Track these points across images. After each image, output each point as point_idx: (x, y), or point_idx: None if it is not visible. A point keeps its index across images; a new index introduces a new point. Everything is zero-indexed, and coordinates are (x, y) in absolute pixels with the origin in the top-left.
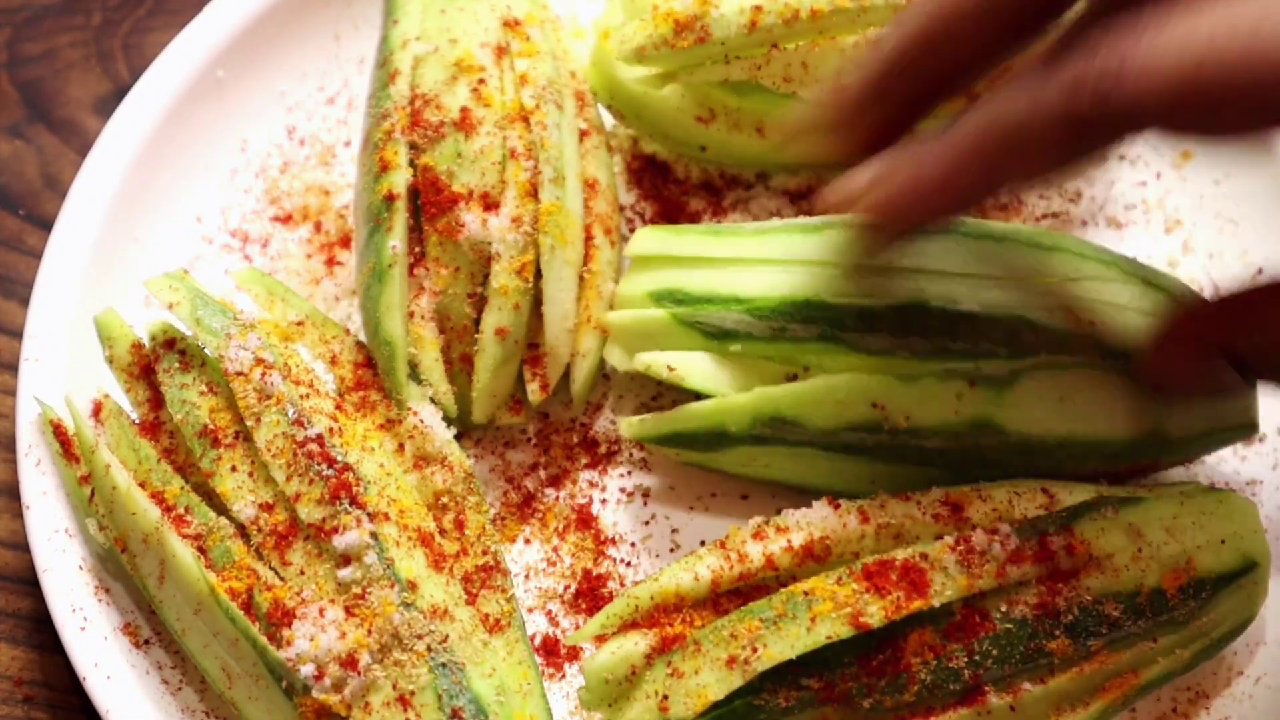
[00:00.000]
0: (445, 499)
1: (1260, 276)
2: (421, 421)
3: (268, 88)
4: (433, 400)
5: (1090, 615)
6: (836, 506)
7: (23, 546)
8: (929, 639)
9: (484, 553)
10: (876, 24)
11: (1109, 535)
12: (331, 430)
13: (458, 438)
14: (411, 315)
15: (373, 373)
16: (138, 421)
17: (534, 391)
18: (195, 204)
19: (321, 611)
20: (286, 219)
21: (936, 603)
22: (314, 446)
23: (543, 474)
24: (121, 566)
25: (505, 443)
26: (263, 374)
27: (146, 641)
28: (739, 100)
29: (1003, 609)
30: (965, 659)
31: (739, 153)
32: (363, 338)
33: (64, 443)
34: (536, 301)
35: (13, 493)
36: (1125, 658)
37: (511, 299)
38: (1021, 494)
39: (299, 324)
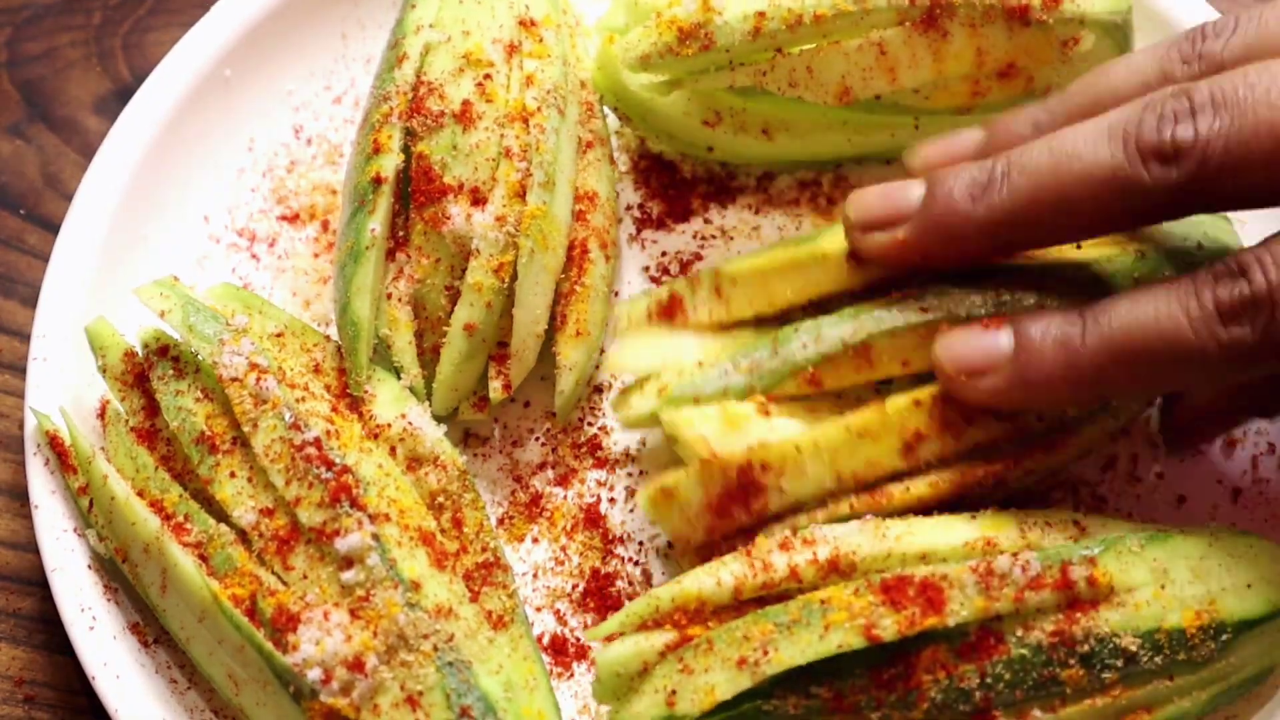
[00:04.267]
0: (441, 498)
1: None
2: (410, 423)
3: (275, 87)
4: (398, 375)
5: (1107, 647)
6: (865, 521)
7: (23, 546)
8: (942, 657)
9: (484, 549)
10: (879, 26)
11: (1133, 570)
12: (329, 433)
13: (464, 438)
14: (389, 297)
15: None
16: (134, 429)
17: (495, 390)
18: (202, 203)
19: (326, 615)
20: (294, 218)
21: (951, 622)
22: (312, 450)
23: (551, 473)
24: (124, 575)
25: (513, 442)
26: (258, 379)
27: (155, 641)
28: (744, 103)
29: (1019, 634)
30: (977, 680)
31: (745, 154)
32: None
33: (61, 454)
34: (512, 302)
35: (13, 493)
36: (1139, 694)
37: (485, 296)
38: (1054, 524)
39: (278, 335)
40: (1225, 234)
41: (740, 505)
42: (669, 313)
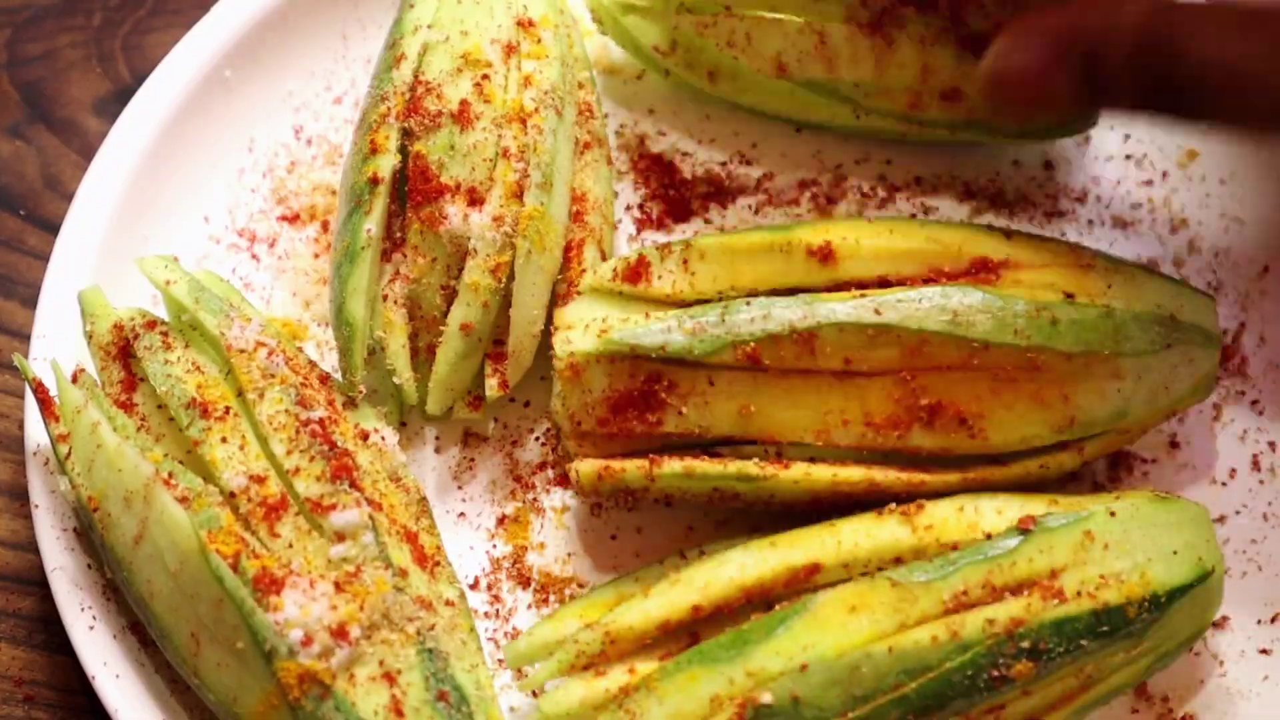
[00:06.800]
0: (415, 509)
1: (1267, 277)
2: (383, 440)
3: (275, 88)
4: (394, 381)
5: (1046, 638)
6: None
7: (23, 546)
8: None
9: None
10: (826, 17)
11: (1057, 552)
12: (331, 419)
13: (464, 438)
14: (385, 299)
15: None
16: (111, 400)
17: (492, 388)
18: (202, 203)
19: (312, 583)
20: (294, 218)
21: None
22: (316, 428)
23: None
24: (87, 528)
25: (513, 442)
26: (269, 354)
27: (155, 640)
28: (699, 41)
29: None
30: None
31: (692, 88)
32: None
33: (44, 400)
34: (509, 301)
35: (12, 493)
36: (1077, 676)
37: (481, 296)
38: (963, 509)
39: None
40: (1205, 313)
41: (637, 413)
42: (634, 276)
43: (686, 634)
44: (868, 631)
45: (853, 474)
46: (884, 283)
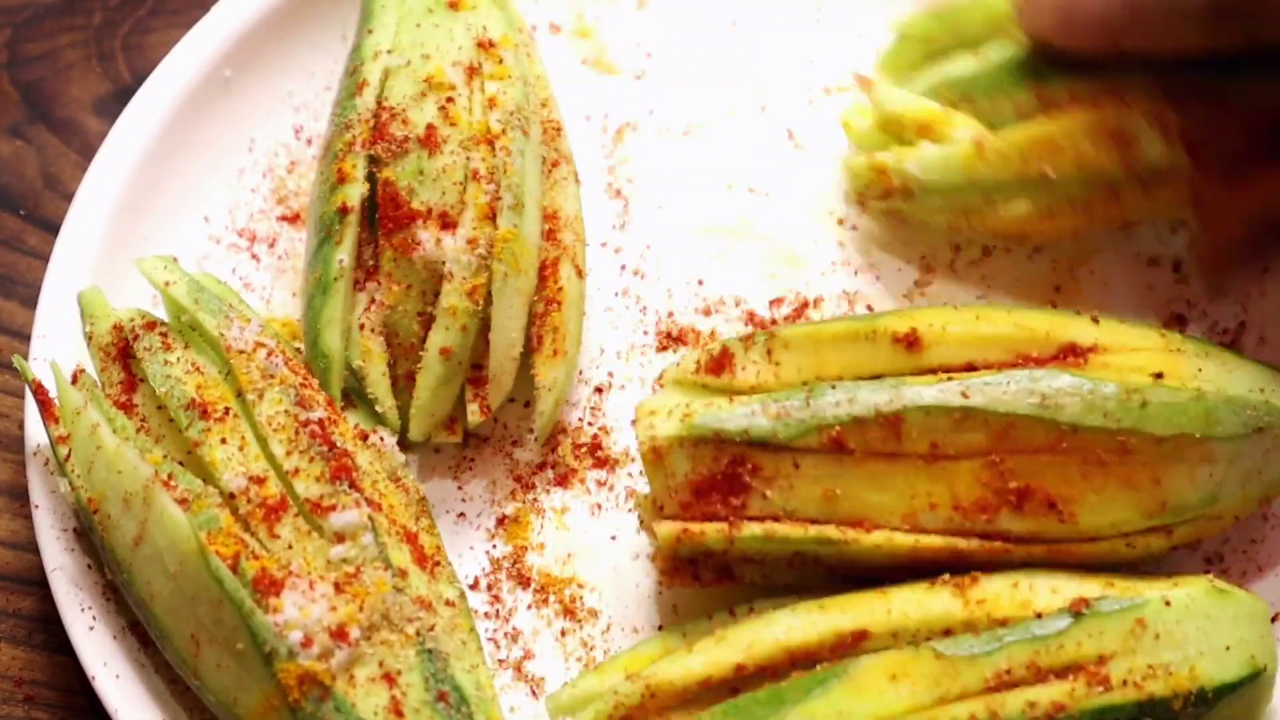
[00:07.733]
0: (416, 509)
1: (1267, 277)
2: (382, 441)
3: (275, 87)
4: (376, 413)
5: None
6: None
7: (23, 546)
8: None
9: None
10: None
11: (1105, 639)
12: (330, 419)
13: (464, 438)
14: (362, 328)
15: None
16: (111, 401)
17: (473, 413)
18: (202, 203)
19: (311, 585)
20: (294, 218)
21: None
22: (315, 428)
23: (551, 473)
24: (87, 530)
25: (513, 442)
26: (268, 355)
27: (155, 641)
28: None
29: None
30: None
31: None
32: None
33: (44, 402)
34: (487, 325)
35: (13, 493)
36: None
37: (459, 320)
38: (1017, 585)
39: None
40: None
41: (721, 496)
42: (717, 368)
43: (728, 691)
44: (906, 703)
45: (935, 541)
46: (971, 368)
